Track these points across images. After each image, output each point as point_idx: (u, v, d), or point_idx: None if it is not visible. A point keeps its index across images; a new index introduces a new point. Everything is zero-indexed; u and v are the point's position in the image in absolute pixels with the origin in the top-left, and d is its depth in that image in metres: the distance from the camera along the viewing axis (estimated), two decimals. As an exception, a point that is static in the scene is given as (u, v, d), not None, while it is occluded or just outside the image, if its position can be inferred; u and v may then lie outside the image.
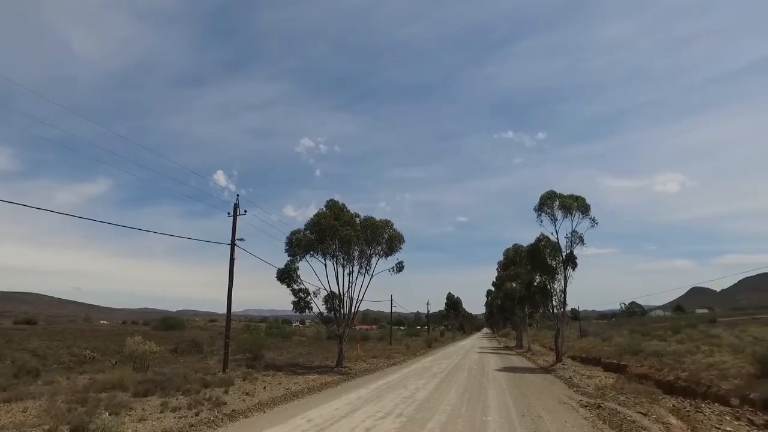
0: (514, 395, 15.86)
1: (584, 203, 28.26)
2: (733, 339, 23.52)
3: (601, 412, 12.52)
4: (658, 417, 11.95)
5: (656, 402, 14.28)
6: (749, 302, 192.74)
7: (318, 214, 25.85)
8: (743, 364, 15.88)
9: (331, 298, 26.00)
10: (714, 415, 12.16)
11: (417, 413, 12.24)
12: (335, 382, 19.76)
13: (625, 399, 14.76)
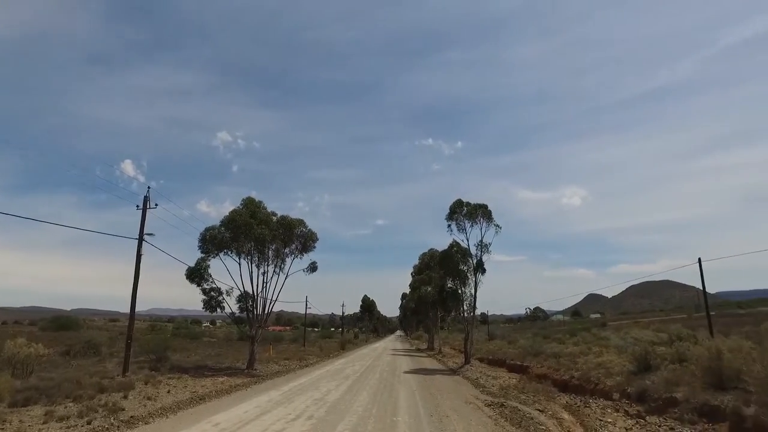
0: (424, 396, 16.35)
1: (487, 211, 29.92)
2: (618, 340, 25.90)
3: (503, 410, 13.27)
4: (553, 413, 12.92)
5: (552, 399, 15.41)
6: (634, 307, 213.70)
7: (234, 211, 25.04)
8: (625, 363, 17.58)
9: (245, 298, 25.27)
10: (599, 408, 13.43)
11: (328, 415, 12.24)
12: (245, 384, 19.20)
13: (525, 397, 15.76)
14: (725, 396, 11.17)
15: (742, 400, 10.55)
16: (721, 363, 12.22)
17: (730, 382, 11.77)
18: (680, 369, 14.48)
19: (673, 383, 13.18)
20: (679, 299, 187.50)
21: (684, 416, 11.35)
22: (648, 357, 16.12)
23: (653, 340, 22.39)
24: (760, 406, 9.96)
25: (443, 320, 58.52)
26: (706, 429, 10.51)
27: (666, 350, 17.47)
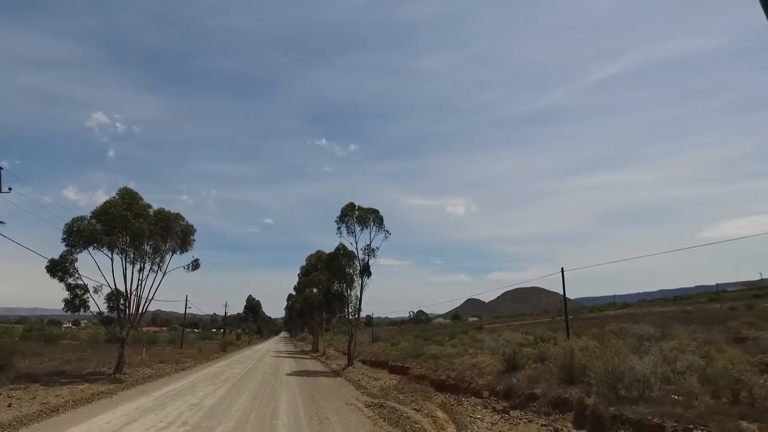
0: (305, 398, 16.27)
1: (379, 216, 30.80)
2: (492, 342, 28.00)
3: (382, 410, 13.67)
4: (428, 412, 13.59)
5: (429, 399, 16.21)
6: (507, 311, 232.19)
7: (108, 201, 22.80)
8: (496, 363, 19.08)
9: (116, 297, 23.11)
10: (470, 406, 14.45)
11: (203, 421, 11.67)
12: (111, 391, 17.54)
13: (404, 398, 16.37)
14: (574, 389, 12.67)
15: (585, 392, 12.04)
16: (573, 361, 13.82)
17: (578, 377, 13.36)
18: (541, 367, 16.10)
19: (535, 380, 14.62)
20: (545, 304, 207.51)
21: (541, 409, 12.64)
22: (516, 357, 17.67)
23: (521, 342, 24.61)
24: (599, 396, 11.46)
25: (328, 322, 58.62)
26: (557, 419, 11.81)
27: (531, 351, 19.31)
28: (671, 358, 13.27)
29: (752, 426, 8.23)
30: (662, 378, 11.67)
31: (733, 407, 9.50)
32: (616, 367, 11.63)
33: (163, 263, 24.57)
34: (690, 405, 9.82)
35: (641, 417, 9.71)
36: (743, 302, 55.77)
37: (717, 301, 64.73)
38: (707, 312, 45.89)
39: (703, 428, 8.49)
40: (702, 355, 13.52)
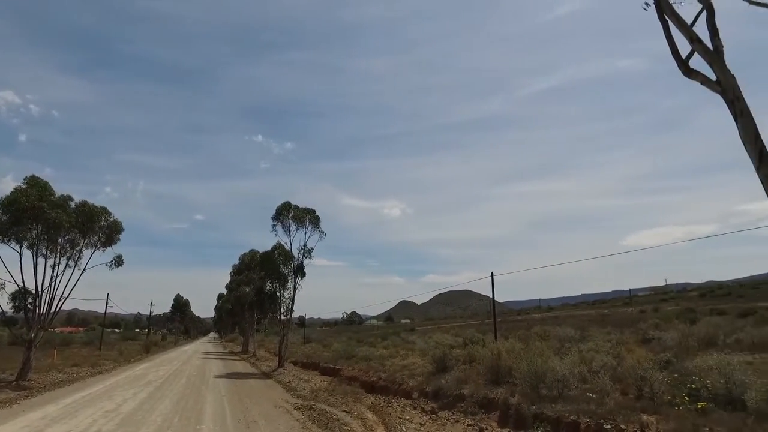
0: (233, 401, 15.77)
1: (315, 216, 30.61)
2: (423, 344, 28.54)
3: (312, 413, 13.52)
4: (358, 413, 13.61)
5: (359, 401, 16.23)
6: (439, 314, 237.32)
7: (17, 190, 20.93)
8: (426, 364, 19.43)
9: (23, 295, 21.25)
10: (400, 407, 14.61)
11: (119, 428, 10.99)
12: (12, 400, 16.03)
13: (334, 400, 16.29)
14: (500, 389, 13.16)
15: (510, 392, 12.55)
16: (500, 362, 14.36)
17: (504, 377, 13.90)
18: (469, 369, 16.60)
19: (463, 381, 15.04)
20: (475, 307, 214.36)
21: (468, 409, 13.02)
22: (445, 359, 18.09)
23: (452, 344, 25.26)
24: (522, 395, 12.00)
25: (260, 323, 57.30)
26: (483, 418, 12.23)
27: (460, 352, 19.85)
28: (588, 358, 14.13)
29: (651, 418, 9.00)
30: (579, 377, 12.42)
31: (637, 402, 10.29)
32: (538, 368, 12.23)
33: (81, 259, 22.92)
34: (602, 402, 10.50)
35: (559, 414, 10.28)
36: (651, 306, 60.59)
37: (629, 305, 69.70)
38: (621, 315, 49.33)
39: (612, 422, 9.15)
40: (614, 356, 14.50)
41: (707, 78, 4.89)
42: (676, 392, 10.15)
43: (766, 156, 4.38)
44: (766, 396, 8.79)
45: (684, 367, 12.29)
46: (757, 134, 4.46)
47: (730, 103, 4.65)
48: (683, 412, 9.06)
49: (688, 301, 63.77)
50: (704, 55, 4.93)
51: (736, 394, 9.08)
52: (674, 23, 5.25)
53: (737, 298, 55.72)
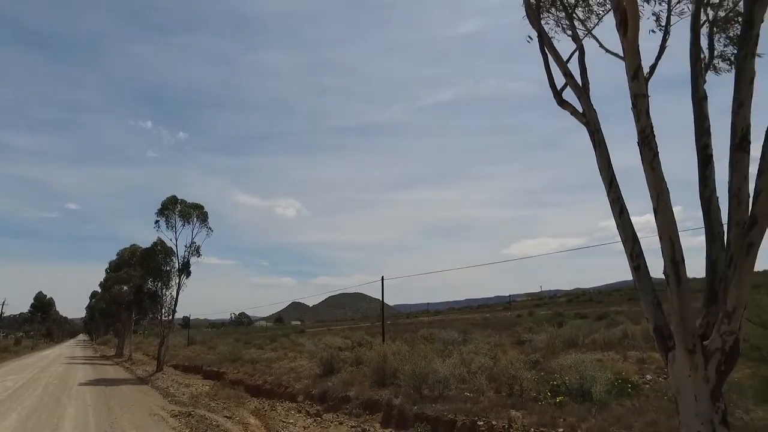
0: (100, 411, 14.38)
1: (203, 212, 29.26)
2: (312, 346, 28.33)
3: (190, 420, 12.81)
4: (240, 418, 13.16)
5: (242, 405, 15.70)
6: (330, 316, 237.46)
7: None
8: (314, 367, 19.36)
9: None
10: (284, 411, 14.39)
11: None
12: None
13: (215, 405, 15.58)
14: (384, 391, 13.52)
15: (394, 394, 12.95)
16: (386, 364, 14.75)
17: (390, 379, 14.29)
18: (356, 371, 16.83)
19: (349, 383, 15.20)
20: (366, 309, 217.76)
21: (353, 411, 13.19)
22: (333, 361, 18.17)
23: (340, 346, 25.42)
24: (405, 396, 12.45)
25: (138, 323, 53.07)
26: (367, 420, 12.48)
27: (348, 355, 20.06)
28: (468, 360, 15.02)
29: (518, 413, 9.88)
30: (459, 378, 13.17)
31: (508, 399, 11.19)
32: (422, 370, 12.76)
33: None
34: (478, 400, 11.26)
35: (438, 414, 10.83)
36: (527, 310, 66.06)
37: (509, 310, 75.35)
38: (501, 319, 53.02)
39: (485, 419, 9.87)
40: (491, 357, 15.58)
41: (576, 109, 5.51)
42: (541, 389, 11.22)
43: (615, 183, 5.06)
44: (607, 388, 10.10)
45: (549, 366, 13.56)
46: (610, 163, 5.13)
47: (591, 134, 5.30)
48: (545, 407, 10.05)
49: (558, 306, 70.30)
50: (574, 89, 5.55)
51: (587, 388, 10.26)
52: (552, 57, 5.84)
53: (597, 304, 62.80)
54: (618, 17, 4.73)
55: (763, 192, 3.85)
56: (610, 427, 8.43)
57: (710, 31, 5.68)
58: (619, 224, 5.00)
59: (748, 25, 4.29)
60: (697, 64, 5.19)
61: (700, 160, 4.89)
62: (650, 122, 4.66)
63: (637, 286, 4.85)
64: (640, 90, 4.70)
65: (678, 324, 4.27)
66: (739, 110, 4.29)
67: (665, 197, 4.47)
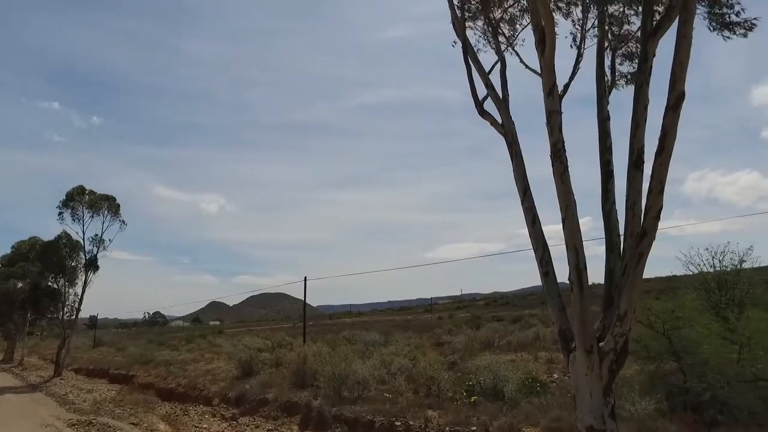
0: (-24, 426, 12.92)
1: (115, 204, 27.52)
2: (230, 347, 27.37)
3: (90, 429, 11.94)
4: (149, 425, 12.43)
5: (152, 410, 14.83)
6: (251, 316, 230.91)
7: None
8: (232, 369, 18.72)
9: None
10: (197, 415, 13.79)
11: None
12: None
13: (121, 411, 14.60)
14: (304, 393, 13.35)
15: (313, 395, 12.84)
16: (306, 366, 14.58)
17: (310, 381, 14.14)
18: (276, 372, 16.49)
19: (268, 385, 14.86)
20: (288, 310, 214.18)
21: (271, 414, 12.91)
22: (252, 363, 17.67)
23: (260, 347, 24.74)
24: (325, 398, 12.38)
25: (34, 324, 48.50)
26: (285, 422, 12.27)
27: (268, 356, 19.59)
28: (388, 361, 15.22)
29: (435, 413, 10.19)
30: (379, 379, 13.31)
31: (426, 399, 11.48)
32: (342, 371, 12.75)
33: None
34: (396, 401, 11.44)
35: (357, 415, 10.87)
36: (448, 313, 68.04)
37: (430, 312, 77.16)
38: (422, 321, 54.22)
39: (402, 419, 10.06)
40: (411, 358, 15.90)
41: (495, 120, 5.80)
42: (457, 389, 11.62)
43: (529, 193, 5.38)
44: (518, 387, 10.68)
45: (466, 367, 14.06)
46: (525, 174, 5.46)
47: (509, 145, 5.61)
48: (460, 406, 10.43)
49: (477, 309, 73.18)
50: (494, 101, 5.85)
51: (500, 388, 10.77)
52: (476, 68, 6.10)
53: (513, 307, 66.05)
54: (537, 36, 5.03)
55: (651, 208, 4.26)
56: (519, 423, 8.91)
57: (612, 58, 6.21)
58: (531, 232, 5.31)
59: (643, 58, 4.75)
60: (601, 86, 5.66)
61: (603, 175, 5.33)
62: (562, 137, 5.00)
63: (545, 292, 5.18)
64: (554, 106, 5.03)
65: (579, 327, 4.61)
66: (636, 132, 4.73)
67: (572, 208, 4.81)
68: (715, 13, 5.47)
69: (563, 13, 6.38)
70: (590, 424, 4.39)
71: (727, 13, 5.44)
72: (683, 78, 4.16)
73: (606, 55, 6.02)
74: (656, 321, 8.85)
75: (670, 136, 4.19)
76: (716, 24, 5.50)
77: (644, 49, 4.78)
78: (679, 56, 4.15)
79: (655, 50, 4.79)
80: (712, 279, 12.67)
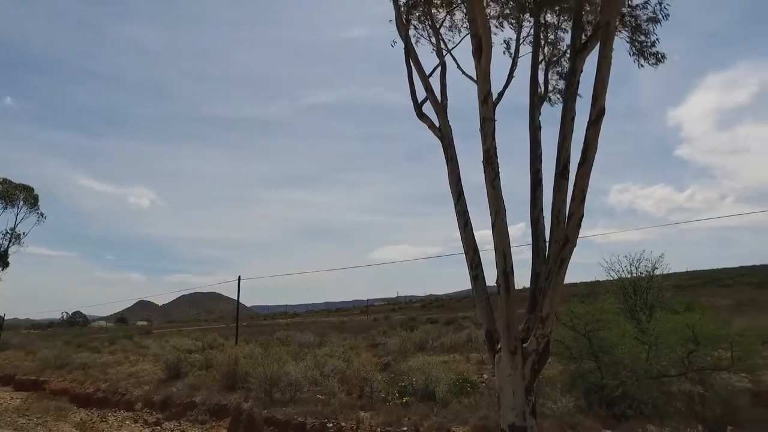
0: None
1: (32, 195, 25.63)
2: (158, 349, 26.11)
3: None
4: (60, 433, 11.60)
5: (64, 418, 13.84)
6: (182, 316, 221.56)
7: None
8: (158, 371, 17.84)
9: None
10: (117, 421, 13.02)
11: None
12: None
13: (26, 421, 13.48)
14: (234, 395, 12.96)
15: (244, 398, 12.50)
16: (237, 367, 14.17)
17: (240, 382, 13.76)
18: (206, 374, 15.90)
19: (196, 388, 14.30)
20: (222, 310, 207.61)
21: (198, 417, 12.43)
22: (180, 364, 16.93)
23: (190, 348, 23.78)
24: (255, 400, 12.08)
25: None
26: (213, 426, 11.86)
27: (198, 357, 18.85)
28: (322, 362, 15.09)
29: (367, 414, 10.21)
30: (312, 381, 13.16)
31: (358, 401, 11.49)
32: (274, 373, 12.50)
33: None
34: (329, 403, 11.35)
35: (289, 417, 10.69)
36: (383, 315, 68.48)
37: (366, 314, 77.33)
38: (358, 323, 54.24)
39: (334, 421, 10.01)
40: (345, 360, 15.85)
41: (433, 124, 5.91)
42: (390, 390, 11.69)
43: (462, 197, 5.53)
44: (449, 388, 10.92)
45: (399, 368, 14.18)
46: (459, 178, 5.61)
47: (445, 149, 5.74)
48: (392, 407, 10.51)
49: (412, 311, 74.09)
50: (433, 104, 5.96)
51: (431, 388, 10.96)
52: (416, 70, 6.18)
53: (448, 309, 67.57)
54: (474, 44, 5.18)
55: (573, 215, 4.51)
56: (449, 423, 9.11)
57: (546, 70, 6.52)
58: (463, 236, 5.46)
59: (572, 73, 5.02)
60: (534, 96, 5.92)
61: (532, 183, 5.57)
62: (494, 144, 5.17)
63: (474, 294, 5.33)
64: (488, 114, 5.19)
65: (504, 328, 4.78)
66: (563, 143, 4.98)
67: (502, 214, 4.99)
68: (636, 41, 5.90)
69: (498, 23, 6.62)
70: (512, 421, 4.57)
71: (645, 42, 5.88)
72: (603, 95, 4.44)
73: (540, 68, 6.31)
74: (578, 323, 9.39)
75: (592, 149, 4.45)
76: (635, 50, 5.93)
77: (573, 65, 5.06)
78: (601, 74, 4.43)
79: (583, 66, 5.07)
80: (629, 284, 13.67)
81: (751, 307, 29.53)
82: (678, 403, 8.50)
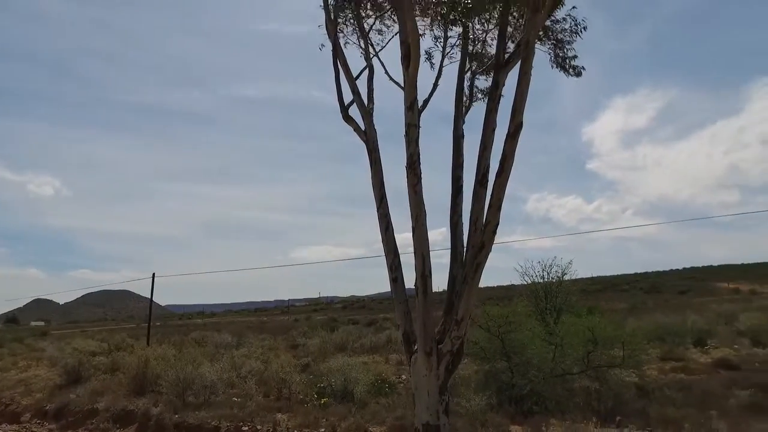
0: None
1: None
2: (56, 351, 24.03)
3: None
4: None
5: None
6: (87, 315, 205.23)
7: None
8: (54, 377, 16.42)
9: None
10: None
11: None
12: None
13: None
14: (142, 400, 12.21)
15: (153, 402, 11.82)
16: (147, 370, 13.37)
17: (150, 386, 12.99)
18: (111, 379, 14.84)
19: (100, 393, 13.31)
20: (132, 309, 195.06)
21: (100, 425, 11.58)
22: (81, 368, 15.72)
23: (95, 350, 22.10)
24: (166, 405, 11.48)
25: None
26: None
27: (104, 360, 17.58)
28: (239, 364, 14.64)
29: (284, 416, 10.05)
30: (228, 383, 12.72)
31: (276, 402, 11.27)
32: (187, 375, 11.94)
33: None
34: (245, 405, 11.04)
35: (202, 421, 10.26)
36: (305, 315, 67.65)
37: (287, 314, 75.98)
38: (278, 323, 53.17)
39: (250, 424, 9.76)
40: (263, 361, 15.48)
41: (359, 127, 5.95)
42: (309, 391, 11.58)
43: (385, 200, 5.62)
44: (368, 388, 11.03)
45: (319, 369, 14.09)
46: (382, 182, 5.70)
47: (369, 153, 5.80)
48: (310, 408, 10.42)
49: (334, 311, 73.85)
50: (359, 108, 6.00)
51: (350, 389, 11.00)
52: (344, 72, 6.19)
53: (369, 311, 68.09)
54: (403, 51, 5.27)
55: (490, 222, 4.73)
56: (366, 423, 9.19)
57: (471, 81, 6.79)
58: (383, 239, 5.54)
59: (494, 86, 5.28)
60: (459, 106, 6.14)
61: (453, 190, 5.78)
62: (418, 150, 5.30)
63: (393, 296, 5.44)
64: (413, 120, 5.32)
65: (421, 330, 4.92)
66: (484, 152, 5.22)
67: (422, 219, 5.13)
68: (557, 54, 6.32)
69: (427, 27, 6.81)
70: (426, 420, 4.71)
71: (565, 56, 6.31)
72: (522, 110, 4.72)
73: (467, 78, 6.57)
74: (493, 325, 9.86)
75: (509, 160, 4.70)
76: (558, 63, 6.35)
77: (496, 78, 5.31)
78: (520, 89, 4.69)
79: (505, 80, 5.34)
80: (541, 288, 14.58)
81: (642, 310, 33.09)
82: (578, 398, 9.23)
